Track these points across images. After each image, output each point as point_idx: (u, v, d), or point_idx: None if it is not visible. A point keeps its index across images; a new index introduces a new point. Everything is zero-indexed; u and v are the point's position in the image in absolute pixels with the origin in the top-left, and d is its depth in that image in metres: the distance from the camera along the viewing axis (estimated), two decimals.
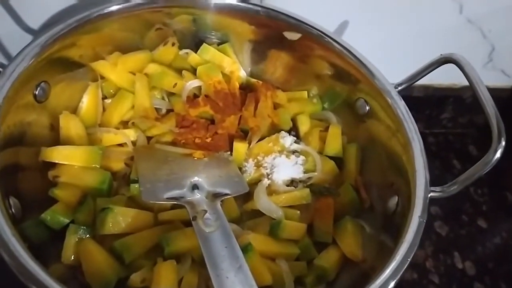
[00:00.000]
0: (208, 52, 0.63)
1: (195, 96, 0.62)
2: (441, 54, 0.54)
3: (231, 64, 0.64)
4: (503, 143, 0.47)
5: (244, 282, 0.41)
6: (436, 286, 0.70)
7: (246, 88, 0.65)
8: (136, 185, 0.52)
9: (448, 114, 0.92)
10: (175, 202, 0.51)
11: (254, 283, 0.41)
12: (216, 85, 0.61)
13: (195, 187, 0.52)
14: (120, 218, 0.49)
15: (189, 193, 0.51)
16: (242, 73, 0.66)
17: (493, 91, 0.94)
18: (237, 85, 0.64)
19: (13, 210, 0.45)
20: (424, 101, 0.88)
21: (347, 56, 0.59)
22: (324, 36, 0.60)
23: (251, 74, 0.68)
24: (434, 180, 0.82)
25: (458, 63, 0.52)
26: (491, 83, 0.89)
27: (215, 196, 0.51)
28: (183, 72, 0.62)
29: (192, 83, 0.61)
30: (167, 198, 0.50)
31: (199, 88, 0.62)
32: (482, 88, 0.49)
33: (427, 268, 0.73)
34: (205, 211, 0.48)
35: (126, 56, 0.60)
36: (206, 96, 0.61)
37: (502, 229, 0.82)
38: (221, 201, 0.51)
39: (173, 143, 0.59)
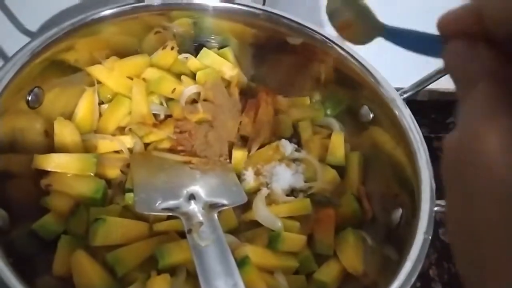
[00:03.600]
0: (208, 56, 0.62)
1: (194, 101, 0.61)
2: None
3: (231, 69, 0.62)
4: None
5: None
6: None
7: (247, 94, 0.64)
8: (131, 194, 0.50)
9: (454, 118, 0.90)
10: (170, 213, 0.49)
11: None
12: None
13: (191, 197, 0.50)
14: (113, 229, 0.47)
15: (185, 204, 0.49)
16: (242, 78, 0.64)
17: None
18: (237, 91, 0.62)
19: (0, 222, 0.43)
20: (429, 106, 0.86)
21: (351, 62, 0.57)
22: (328, 41, 0.58)
23: (252, 79, 0.66)
24: (440, 186, 0.81)
25: None
26: None
27: (212, 207, 0.50)
28: (182, 77, 0.61)
29: (191, 89, 0.59)
30: (162, 209, 0.49)
31: (198, 94, 0.61)
32: None
33: (430, 277, 0.71)
34: (201, 223, 0.46)
35: (123, 60, 0.58)
36: (205, 101, 0.59)
37: None
38: (218, 211, 0.50)
39: (171, 150, 0.57)
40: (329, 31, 0.59)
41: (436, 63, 0.54)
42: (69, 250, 0.47)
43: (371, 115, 0.58)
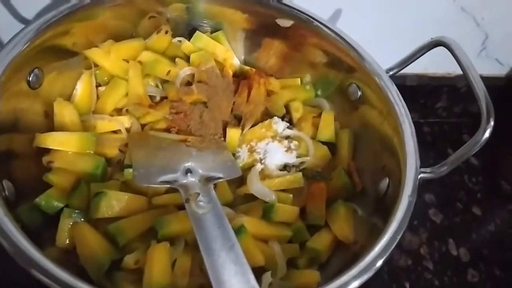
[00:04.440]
0: (201, 40, 0.64)
1: (189, 83, 0.63)
2: (431, 38, 0.55)
3: (224, 51, 0.64)
4: (492, 123, 0.47)
5: (236, 260, 0.41)
6: (431, 273, 0.71)
7: (240, 76, 0.66)
8: (130, 170, 0.52)
9: (443, 103, 0.92)
10: (169, 186, 0.51)
11: (245, 261, 0.41)
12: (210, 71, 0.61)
13: (188, 171, 0.52)
14: (114, 202, 0.49)
15: (182, 177, 0.51)
16: (235, 61, 0.66)
17: (487, 80, 0.94)
18: (231, 73, 0.64)
19: (6, 193, 0.45)
20: (418, 91, 0.88)
21: (339, 42, 0.59)
22: (316, 22, 0.60)
23: (245, 62, 0.68)
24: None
25: (449, 46, 0.52)
26: (485, 72, 0.89)
27: (208, 179, 0.52)
28: (177, 59, 0.63)
29: (186, 70, 0.61)
30: (160, 182, 0.50)
31: (192, 75, 0.63)
32: (473, 71, 0.50)
33: (421, 255, 0.73)
34: (198, 194, 0.48)
35: (119, 44, 0.60)
36: (200, 82, 0.61)
37: (497, 216, 0.83)
38: (214, 185, 0.52)
39: (167, 130, 0.59)
40: (318, 12, 0.61)
41: (425, 41, 0.56)
42: (71, 222, 0.49)
43: (359, 93, 0.60)
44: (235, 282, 0.40)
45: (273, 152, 0.59)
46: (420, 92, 0.89)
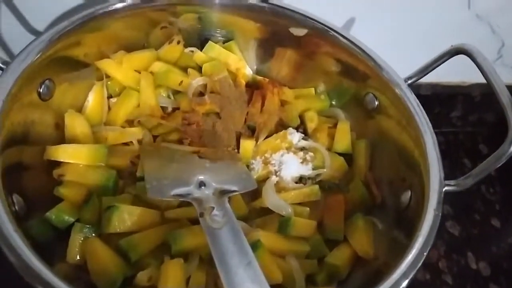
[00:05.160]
0: (214, 49, 0.63)
1: (201, 94, 0.62)
2: (451, 45, 0.53)
3: (236, 61, 0.63)
4: None
5: (254, 278, 0.40)
6: (450, 287, 0.69)
7: (252, 86, 0.65)
8: (142, 183, 0.51)
9: (458, 112, 0.91)
10: (182, 199, 0.50)
11: (264, 279, 0.40)
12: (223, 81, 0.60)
13: (202, 184, 0.51)
14: (126, 216, 0.48)
15: (196, 190, 0.50)
16: (248, 71, 0.65)
17: None
18: (243, 82, 0.63)
19: (16, 207, 0.44)
20: (432, 100, 0.87)
21: (354, 51, 0.58)
22: (330, 30, 0.59)
23: (257, 72, 0.67)
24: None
25: (470, 53, 0.51)
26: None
27: (222, 193, 0.50)
28: (189, 70, 0.62)
29: (198, 81, 0.60)
30: (173, 195, 0.49)
31: (205, 86, 0.62)
32: (496, 78, 0.48)
33: (440, 269, 0.71)
34: (213, 208, 0.46)
35: (131, 54, 0.59)
36: (212, 93, 0.60)
37: None
38: (229, 198, 0.50)
39: (179, 142, 0.58)
40: (331, 20, 0.60)
41: (439, 52, 0.55)
42: (82, 237, 0.48)
43: (376, 103, 0.59)
44: None
45: (289, 164, 0.57)
46: (435, 101, 0.87)
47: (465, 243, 0.75)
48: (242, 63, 0.64)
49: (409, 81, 0.56)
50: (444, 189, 0.47)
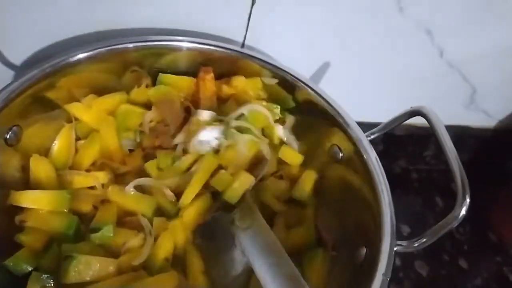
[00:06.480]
0: (166, 79, 0.62)
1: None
2: (411, 107, 0.55)
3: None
4: (468, 200, 0.47)
5: None
6: None
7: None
8: (98, 234, 0.52)
9: (431, 151, 0.92)
10: None
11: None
12: None
13: None
14: (83, 267, 0.48)
15: None
16: None
17: (476, 131, 0.94)
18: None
19: None
20: (406, 139, 0.88)
21: (321, 102, 0.59)
22: (299, 81, 0.60)
23: None
24: (416, 218, 0.82)
25: (426, 116, 0.52)
26: (474, 123, 0.90)
27: None
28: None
29: (148, 114, 0.61)
30: None
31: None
32: (449, 145, 0.49)
33: None
34: None
35: (101, 98, 0.60)
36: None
37: (484, 269, 0.82)
38: None
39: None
40: (301, 71, 0.62)
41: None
42: (39, 287, 0.48)
43: (341, 155, 0.60)
44: None
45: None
46: (408, 141, 0.89)
47: (433, 283, 0.76)
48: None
49: (372, 136, 0.57)
50: (395, 249, 0.48)
